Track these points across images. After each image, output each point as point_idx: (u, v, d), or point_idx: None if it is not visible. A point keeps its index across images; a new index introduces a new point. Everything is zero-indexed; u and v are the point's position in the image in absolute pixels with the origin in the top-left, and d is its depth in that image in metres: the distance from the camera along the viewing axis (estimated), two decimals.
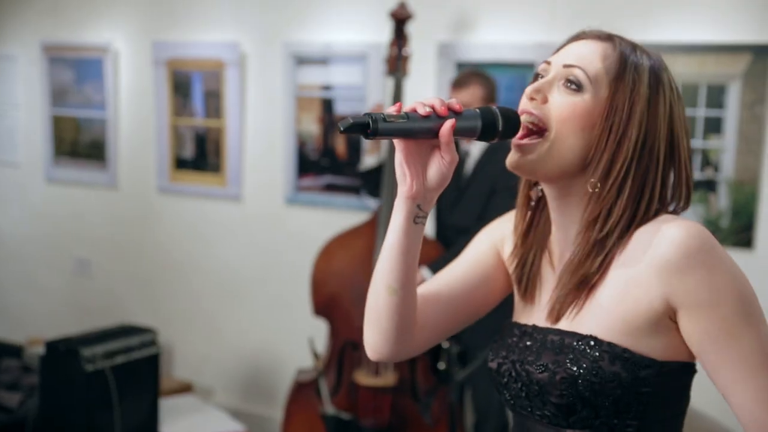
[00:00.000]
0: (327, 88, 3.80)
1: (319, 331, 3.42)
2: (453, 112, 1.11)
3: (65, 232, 4.65)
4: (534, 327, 1.23)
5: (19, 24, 4.64)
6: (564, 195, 1.20)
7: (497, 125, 1.13)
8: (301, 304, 3.72)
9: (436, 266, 2.98)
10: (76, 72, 4.47)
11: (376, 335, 1.27)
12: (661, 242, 1.09)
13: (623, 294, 1.13)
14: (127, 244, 4.45)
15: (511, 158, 1.19)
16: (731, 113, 3.02)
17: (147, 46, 4.22)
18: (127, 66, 4.32)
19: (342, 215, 3.76)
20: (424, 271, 2.99)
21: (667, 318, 1.11)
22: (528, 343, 1.22)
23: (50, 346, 2.85)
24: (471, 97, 3.02)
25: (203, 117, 4.13)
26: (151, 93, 4.25)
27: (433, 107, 1.10)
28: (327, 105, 3.82)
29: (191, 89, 4.14)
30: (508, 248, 1.34)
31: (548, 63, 1.20)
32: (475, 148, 3.13)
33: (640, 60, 1.16)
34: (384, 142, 3.27)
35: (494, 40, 3.42)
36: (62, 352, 2.81)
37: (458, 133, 1.11)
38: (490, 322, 1.50)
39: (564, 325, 1.18)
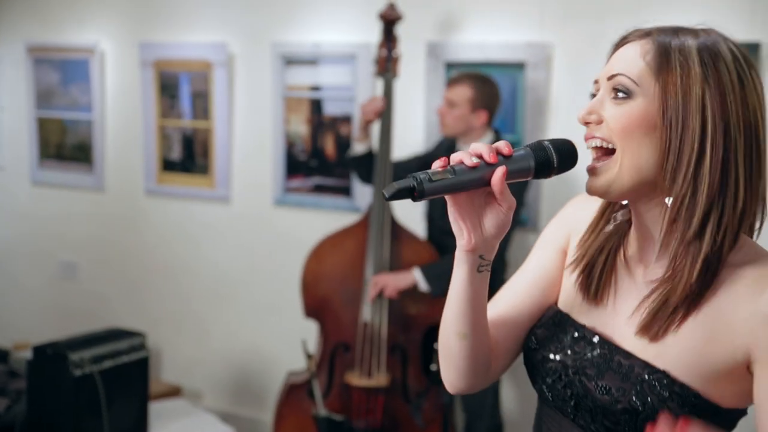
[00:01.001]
0: (316, 88, 3.78)
1: (308, 333, 3.40)
2: (502, 157, 1.05)
3: (51, 235, 4.61)
4: (601, 339, 1.14)
5: (4, 25, 4.59)
6: (646, 205, 1.11)
7: (552, 161, 1.06)
8: (290, 306, 3.70)
9: (429, 272, 2.97)
10: (61, 73, 4.43)
11: (452, 374, 1.25)
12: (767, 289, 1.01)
13: (712, 332, 1.05)
14: (115, 246, 4.42)
15: (588, 184, 1.11)
16: None
17: (133, 46, 4.18)
18: (113, 67, 4.29)
19: (331, 216, 3.75)
20: (416, 273, 2.98)
21: (743, 368, 1.04)
22: (590, 354, 1.14)
23: (37, 350, 2.81)
24: (457, 96, 3.02)
25: (191, 118, 4.10)
26: (137, 94, 4.21)
27: (480, 156, 1.04)
28: (316, 106, 3.80)
29: (178, 90, 4.11)
30: (574, 244, 1.25)
31: (596, 81, 1.13)
32: None
33: (684, 41, 1.07)
34: (375, 132, 3.25)
35: (483, 40, 3.41)
36: (50, 357, 2.77)
37: (511, 176, 1.05)
38: None
39: (637, 348, 1.09)
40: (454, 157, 1.05)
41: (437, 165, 1.04)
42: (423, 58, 3.50)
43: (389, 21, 3.19)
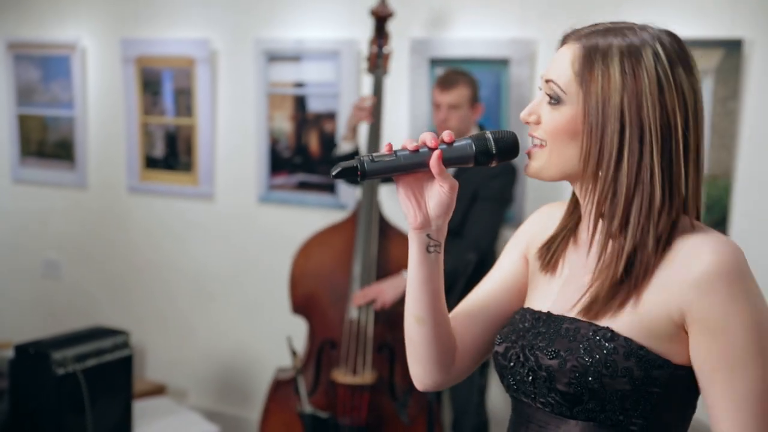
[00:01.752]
0: (299, 85, 3.77)
1: (293, 331, 3.39)
2: (444, 144, 1.16)
3: (33, 233, 4.57)
4: (549, 314, 1.22)
5: None
6: (581, 192, 1.21)
7: (491, 150, 1.16)
8: (275, 303, 3.69)
9: None
10: (42, 70, 4.39)
11: (417, 367, 1.31)
12: (697, 257, 1.09)
13: (651, 299, 1.12)
14: (97, 244, 4.39)
15: (526, 164, 1.22)
16: (704, 108, 3.03)
17: (115, 43, 4.15)
18: (95, 64, 4.25)
19: (315, 213, 3.74)
20: (405, 274, 2.98)
21: (683, 330, 1.11)
22: (541, 329, 1.20)
23: (19, 349, 2.79)
24: (459, 97, 3.01)
25: (174, 115, 4.08)
26: (120, 91, 4.18)
27: (423, 142, 1.15)
28: (300, 102, 3.78)
29: (161, 87, 4.08)
30: (533, 250, 1.33)
31: (544, 79, 1.20)
32: None
33: (610, 46, 1.12)
34: (362, 132, 3.24)
35: (468, 37, 3.41)
36: (32, 356, 2.75)
37: (453, 162, 1.16)
38: None
39: (581, 315, 1.17)
40: (402, 144, 1.17)
41: (384, 150, 1.16)
42: (407, 55, 3.50)
43: (381, 17, 3.18)
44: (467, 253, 2.89)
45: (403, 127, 3.55)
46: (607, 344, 1.11)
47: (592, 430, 1.13)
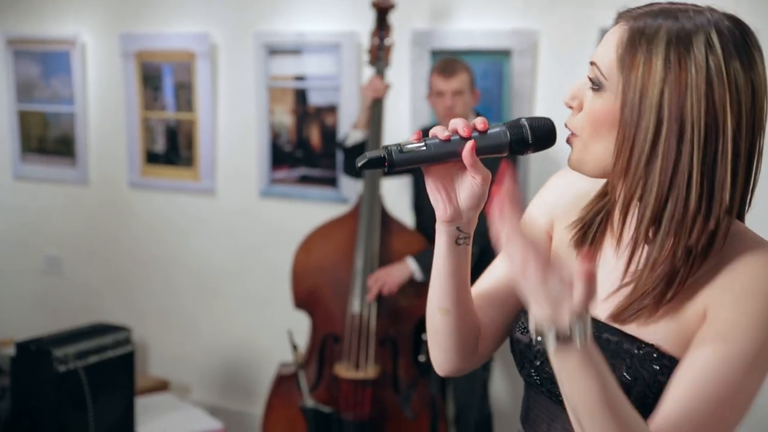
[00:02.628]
0: (300, 78, 3.75)
1: (296, 325, 3.37)
2: (477, 132, 1.08)
3: (35, 229, 4.56)
4: None
5: None
6: (614, 192, 1.11)
7: (527, 138, 1.08)
8: (278, 298, 3.68)
9: (423, 260, 2.95)
10: (42, 66, 4.37)
11: (439, 354, 1.25)
12: (742, 270, 1.02)
13: (690, 305, 1.05)
14: (99, 240, 4.37)
15: (569, 156, 1.13)
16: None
17: (115, 38, 4.13)
18: (94, 59, 4.23)
19: (317, 207, 3.72)
20: (411, 263, 2.96)
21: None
22: None
23: (21, 346, 2.78)
24: (462, 83, 3.02)
25: (174, 110, 4.06)
26: (120, 86, 4.16)
27: (455, 130, 1.07)
28: (300, 96, 3.76)
29: (161, 82, 4.06)
30: (560, 226, 1.23)
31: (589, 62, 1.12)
32: None
33: (659, 29, 1.01)
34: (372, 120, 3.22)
35: (469, 28, 3.39)
36: (33, 353, 2.74)
37: (486, 151, 1.08)
38: None
39: (610, 319, 1.09)
40: (431, 132, 1.08)
41: (412, 138, 1.08)
42: (408, 46, 3.48)
43: (382, 9, 3.16)
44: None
45: (404, 118, 3.53)
46: (654, 366, 1.04)
47: None
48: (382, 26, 3.17)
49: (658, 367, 1.04)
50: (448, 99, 3.01)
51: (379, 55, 3.16)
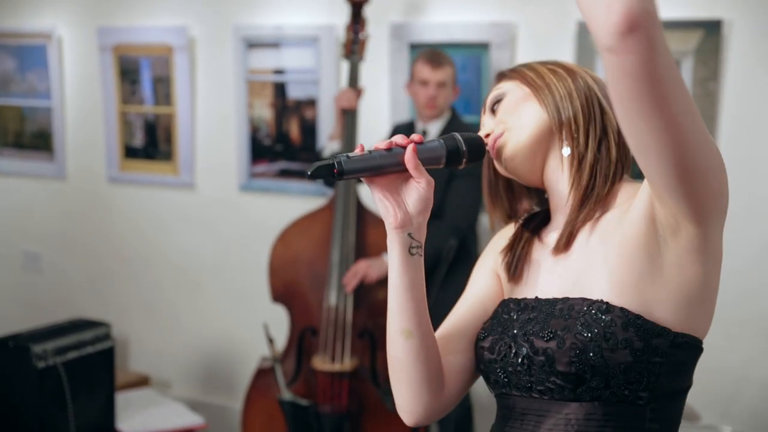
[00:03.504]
0: (279, 72, 3.74)
1: (277, 319, 3.38)
2: (415, 143, 1.16)
3: (12, 225, 4.53)
4: (537, 299, 1.20)
5: None
6: (548, 164, 1.26)
7: (461, 151, 1.19)
8: (259, 292, 3.67)
9: None
10: (18, 60, 4.33)
11: (406, 392, 1.22)
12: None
13: (621, 247, 1.12)
14: (78, 236, 4.35)
15: (498, 161, 1.27)
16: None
17: (92, 31, 4.10)
18: (71, 53, 4.20)
19: (297, 201, 3.72)
20: (386, 258, 2.97)
21: (649, 238, 1.10)
22: (532, 315, 1.18)
23: None
24: (447, 75, 3.07)
25: (152, 104, 4.04)
26: (97, 80, 4.14)
27: (395, 143, 1.15)
28: (279, 89, 3.75)
29: (139, 75, 4.04)
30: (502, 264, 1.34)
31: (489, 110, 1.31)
32: (433, 129, 3.11)
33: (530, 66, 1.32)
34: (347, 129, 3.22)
35: (447, 21, 3.39)
36: (11, 349, 2.72)
37: (424, 162, 1.16)
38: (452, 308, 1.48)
39: (571, 292, 1.16)
40: (374, 145, 1.16)
41: (356, 150, 1.14)
42: (387, 39, 3.48)
43: (356, 3, 3.17)
44: (448, 237, 2.89)
45: (383, 112, 3.53)
46: (603, 317, 1.08)
47: (596, 410, 1.11)
48: (356, 20, 3.18)
49: (609, 318, 1.09)
50: (432, 89, 3.04)
51: (354, 49, 3.17)
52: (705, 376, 3.15)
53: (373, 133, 3.43)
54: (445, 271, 2.90)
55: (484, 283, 1.33)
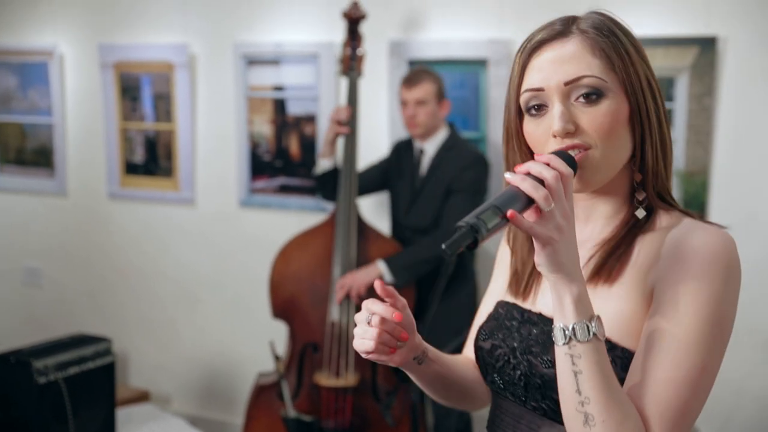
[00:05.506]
0: (279, 88, 3.77)
1: (277, 334, 3.39)
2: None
3: (13, 241, 4.54)
4: (540, 315, 1.17)
5: None
6: (603, 191, 1.16)
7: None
8: (258, 307, 3.69)
9: (393, 263, 2.98)
10: (20, 77, 4.36)
11: (459, 406, 1.40)
12: (689, 250, 1.06)
13: (635, 291, 1.09)
14: (78, 252, 4.36)
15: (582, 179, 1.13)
16: (680, 105, 3.06)
17: (93, 49, 4.14)
18: (72, 70, 4.23)
19: (297, 216, 3.74)
20: (380, 265, 2.98)
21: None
22: (534, 331, 1.16)
23: (0, 358, 2.77)
24: (425, 93, 3.07)
25: (153, 120, 4.06)
26: (98, 97, 4.17)
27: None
28: (279, 106, 3.78)
29: (140, 92, 4.07)
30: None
31: (537, 90, 1.10)
32: (431, 147, 3.13)
33: (602, 26, 1.12)
34: (339, 143, 3.25)
35: (445, 38, 3.42)
36: (13, 365, 2.72)
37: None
38: (454, 322, 1.51)
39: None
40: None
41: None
42: (386, 56, 3.51)
43: (353, 20, 3.20)
44: None
45: (382, 129, 3.56)
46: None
47: None
48: (353, 36, 3.21)
49: (611, 358, 1.05)
50: (410, 108, 3.10)
51: (352, 65, 3.20)
52: None
53: (372, 150, 3.46)
54: (444, 284, 2.92)
55: (504, 281, 1.32)
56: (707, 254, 1.05)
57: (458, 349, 1.56)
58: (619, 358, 1.06)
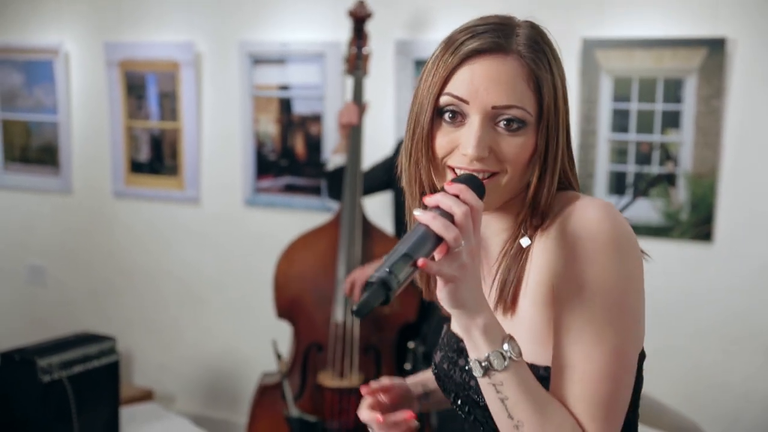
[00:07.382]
0: (284, 87, 3.76)
1: (281, 334, 3.38)
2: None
3: (17, 239, 4.54)
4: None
5: None
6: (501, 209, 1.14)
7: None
8: (262, 307, 3.68)
9: None
10: (25, 75, 4.36)
11: None
12: (570, 236, 1.04)
13: (540, 304, 1.08)
14: (83, 250, 4.36)
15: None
16: (688, 107, 3.05)
17: (98, 47, 4.13)
18: (78, 68, 4.23)
19: (302, 216, 3.73)
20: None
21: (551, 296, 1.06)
22: (467, 367, 1.17)
23: (5, 357, 2.77)
24: None
25: (158, 119, 4.06)
26: (104, 95, 4.16)
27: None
28: (285, 105, 3.77)
29: (145, 91, 4.06)
30: None
31: (461, 100, 1.06)
32: None
33: (541, 54, 1.09)
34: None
35: None
36: (17, 363, 2.73)
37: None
38: None
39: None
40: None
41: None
42: (392, 56, 3.50)
43: (359, 18, 3.18)
44: None
45: (389, 128, 3.55)
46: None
47: None
48: (359, 35, 3.19)
49: (538, 379, 1.04)
50: None
51: (357, 64, 3.18)
52: (706, 393, 3.17)
53: (378, 149, 3.45)
54: None
55: None
56: (588, 235, 1.02)
57: None
58: (545, 378, 1.05)
